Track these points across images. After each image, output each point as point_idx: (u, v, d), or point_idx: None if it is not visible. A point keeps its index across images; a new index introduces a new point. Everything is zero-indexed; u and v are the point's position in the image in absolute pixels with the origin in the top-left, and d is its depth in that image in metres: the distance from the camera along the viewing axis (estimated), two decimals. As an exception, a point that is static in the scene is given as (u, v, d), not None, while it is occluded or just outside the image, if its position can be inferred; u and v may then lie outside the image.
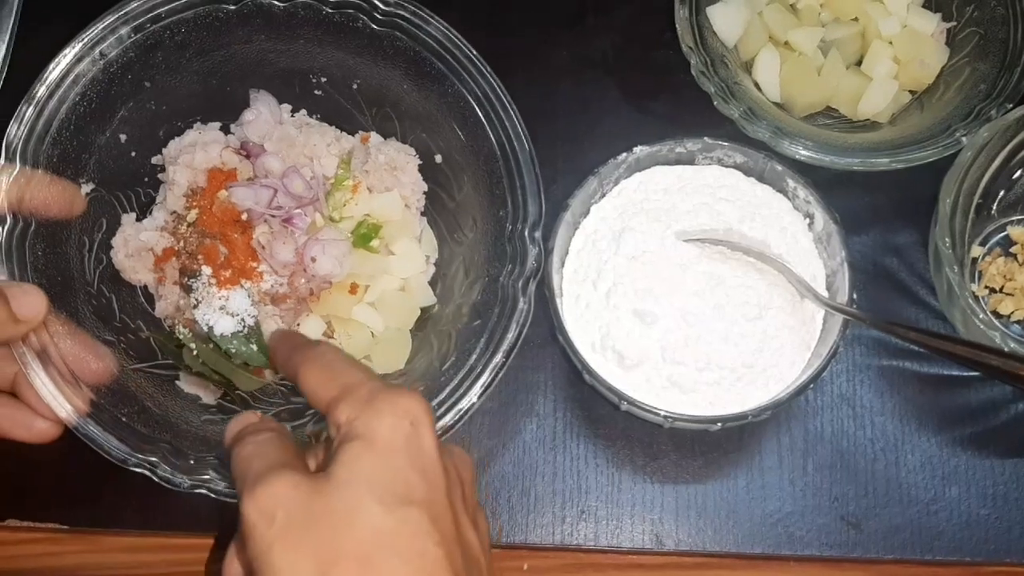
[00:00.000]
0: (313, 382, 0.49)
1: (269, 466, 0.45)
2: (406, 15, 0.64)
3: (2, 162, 0.60)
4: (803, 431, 0.68)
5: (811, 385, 0.62)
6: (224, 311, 0.64)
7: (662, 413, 0.61)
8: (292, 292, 0.66)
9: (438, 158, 0.68)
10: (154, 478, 0.57)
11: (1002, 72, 0.69)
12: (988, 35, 0.71)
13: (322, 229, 0.67)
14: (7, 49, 0.75)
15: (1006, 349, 0.60)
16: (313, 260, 0.65)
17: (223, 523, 0.66)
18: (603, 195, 0.68)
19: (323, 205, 0.68)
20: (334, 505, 0.43)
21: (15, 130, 0.60)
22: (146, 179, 0.69)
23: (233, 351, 0.64)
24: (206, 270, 0.65)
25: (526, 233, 0.62)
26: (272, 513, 0.43)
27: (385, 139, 0.70)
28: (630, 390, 0.63)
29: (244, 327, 0.64)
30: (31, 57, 0.73)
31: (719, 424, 0.62)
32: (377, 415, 0.45)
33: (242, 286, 0.65)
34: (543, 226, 0.62)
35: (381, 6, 0.64)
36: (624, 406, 0.62)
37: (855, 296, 0.63)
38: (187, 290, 0.65)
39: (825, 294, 0.66)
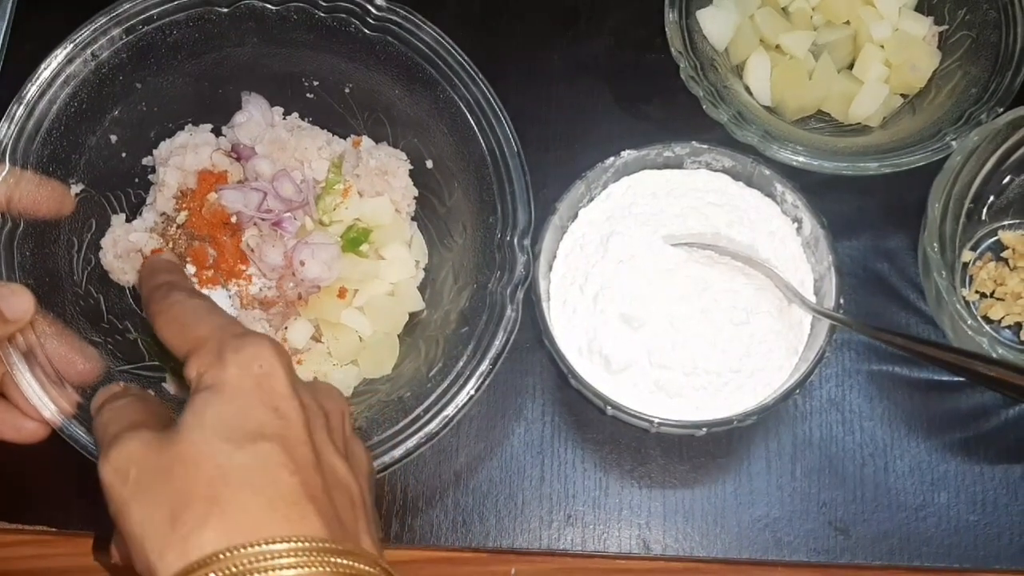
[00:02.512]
0: (166, 335, 0.50)
1: (122, 428, 0.46)
2: (398, 20, 0.64)
3: None
4: (791, 436, 0.68)
5: (798, 390, 0.61)
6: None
7: (648, 418, 0.61)
8: (281, 296, 0.66)
9: (429, 163, 0.68)
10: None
11: (993, 76, 0.69)
12: (980, 39, 0.71)
13: (312, 233, 0.67)
14: (1, 50, 0.75)
15: (993, 355, 0.60)
16: (302, 264, 0.65)
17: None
18: (591, 199, 0.68)
19: (313, 209, 0.68)
20: (182, 452, 0.43)
21: (5, 130, 0.61)
22: (136, 180, 0.69)
23: None
24: (189, 269, 0.65)
25: (515, 241, 0.62)
26: (125, 471, 0.43)
27: (377, 144, 0.70)
28: (616, 395, 0.63)
29: None
30: (22, 57, 0.74)
31: (705, 429, 0.61)
32: (223, 367, 0.45)
33: (224, 287, 0.65)
34: (533, 232, 0.62)
35: (373, 11, 0.64)
36: (610, 411, 0.62)
37: (842, 301, 0.63)
38: (168, 288, 0.65)
39: (813, 299, 0.65)
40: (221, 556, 0.40)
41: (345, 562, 0.42)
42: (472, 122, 0.64)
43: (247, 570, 0.40)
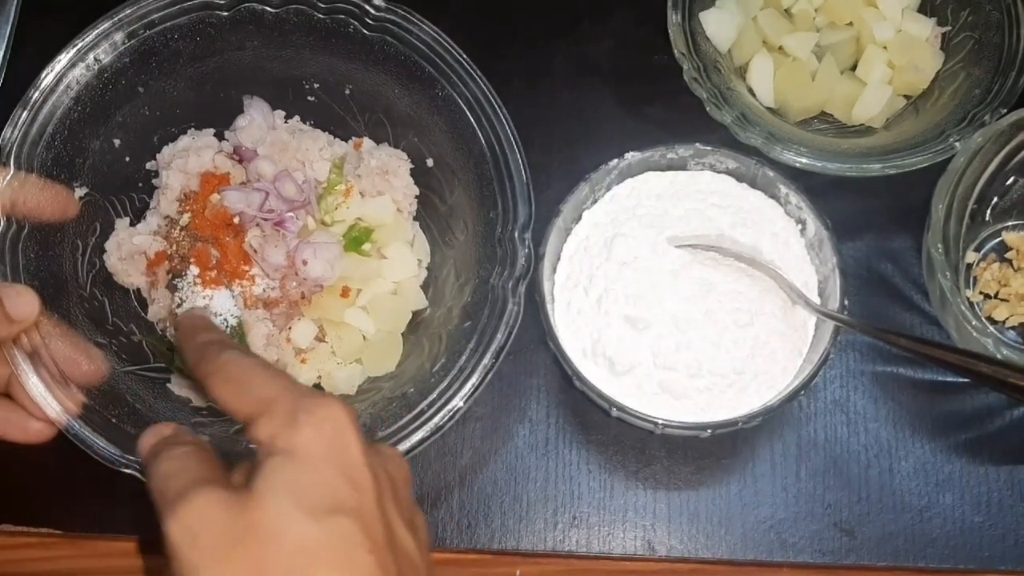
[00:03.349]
0: (224, 396, 0.48)
1: (190, 483, 0.44)
2: (397, 20, 0.64)
3: None
4: (796, 437, 0.68)
5: (802, 392, 0.61)
6: (207, 311, 0.64)
7: (653, 420, 0.61)
8: (284, 296, 0.66)
9: (429, 162, 0.68)
10: (143, 479, 0.57)
11: (996, 77, 0.69)
12: (983, 40, 0.71)
13: (314, 233, 0.67)
14: (4, 55, 0.75)
15: (998, 356, 0.60)
16: (304, 263, 0.65)
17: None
18: (595, 201, 0.68)
19: (315, 209, 0.68)
20: (259, 519, 0.42)
21: (9, 134, 0.61)
22: (140, 184, 0.69)
23: None
24: (193, 270, 0.65)
25: (516, 235, 0.62)
26: (196, 532, 0.42)
27: (377, 144, 0.70)
28: (621, 396, 0.63)
29: (227, 327, 0.65)
30: (26, 62, 0.74)
31: (710, 431, 0.61)
32: (297, 429, 0.44)
33: (227, 288, 0.65)
34: (535, 231, 0.63)
35: (372, 11, 0.64)
36: (615, 413, 0.62)
37: (847, 302, 0.63)
38: (172, 289, 0.66)
39: (817, 300, 0.65)
40: None
41: None
42: (471, 119, 0.64)
43: None
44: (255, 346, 0.65)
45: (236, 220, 0.66)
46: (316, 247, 0.65)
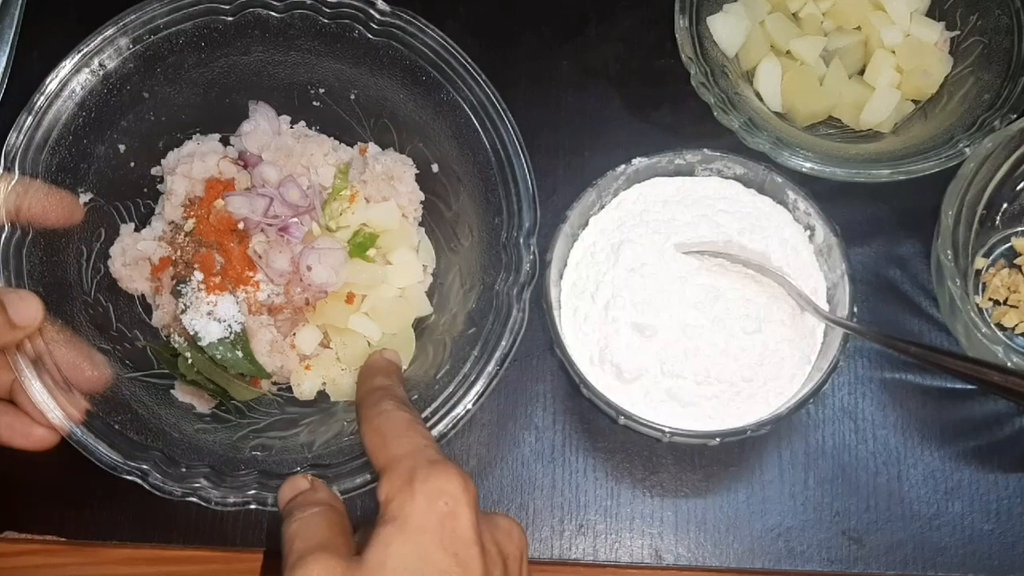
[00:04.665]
0: (368, 445, 0.50)
1: (308, 548, 0.45)
2: (401, 24, 0.64)
3: (1, 171, 0.60)
4: (804, 445, 0.67)
5: (811, 399, 0.61)
6: (211, 317, 0.64)
7: (661, 428, 0.61)
8: (288, 302, 0.66)
9: (435, 167, 0.68)
10: (145, 486, 0.57)
11: (1006, 82, 0.68)
12: (992, 44, 0.70)
13: (318, 238, 0.66)
14: (8, 60, 0.75)
15: (1008, 364, 0.60)
16: (309, 269, 0.65)
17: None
18: (602, 207, 0.67)
19: (319, 214, 0.68)
20: None
21: (14, 139, 0.61)
22: (145, 190, 0.69)
23: (219, 357, 0.64)
24: (197, 275, 0.65)
25: (521, 240, 0.61)
26: None
27: (383, 149, 0.70)
28: (628, 404, 0.62)
29: (231, 333, 0.64)
30: (31, 68, 0.74)
31: (719, 439, 0.61)
32: (411, 496, 0.45)
33: (232, 293, 0.65)
34: (542, 237, 0.62)
35: (377, 16, 0.64)
36: (622, 420, 0.62)
37: (856, 309, 0.63)
38: (176, 295, 0.65)
39: (826, 307, 0.65)
40: None
41: None
42: (476, 124, 0.64)
43: None
44: (259, 352, 0.65)
45: (241, 226, 0.66)
46: (320, 253, 0.65)
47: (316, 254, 0.65)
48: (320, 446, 0.61)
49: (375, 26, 0.64)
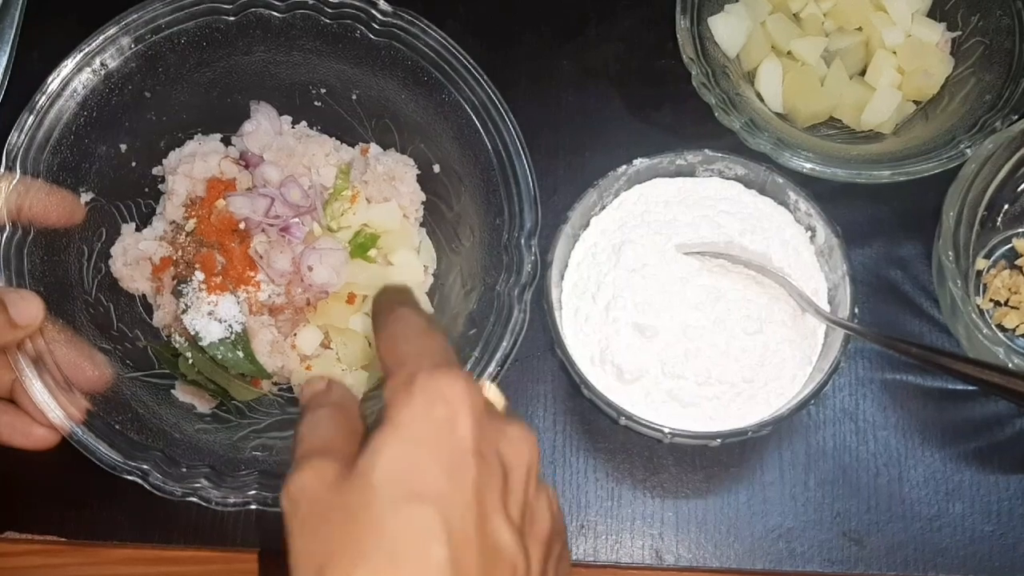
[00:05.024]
0: (380, 350, 0.46)
1: (307, 451, 0.44)
2: (404, 24, 0.64)
3: (2, 170, 0.60)
4: (805, 445, 0.67)
5: (812, 400, 0.61)
6: (212, 317, 0.64)
7: (662, 428, 0.61)
8: (289, 302, 0.66)
9: (436, 168, 0.68)
10: (146, 486, 0.57)
11: (1007, 83, 0.68)
12: (993, 45, 0.70)
13: (319, 239, 0.66)
14: (9, 59, 0.75)
15: (1009, 366, 0.60)
16: (310, 269, 0.65)
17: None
18: (603, 207, 0.67)
19: (320, 215, 0.68)
20: (346, 500, 0.41)
21: (15, 139, 0.61)
22: (146, 190, 0.69)
23: (220, 357, 0.64)
24: (198, 275, 0.65)
25: (522, 241, 0.61)
26: (297, 502, 0.42)
27: (384, 150, 0.70)
28: (629, 404, 0.62)
29: (231, 334, 0.64)
30: (32, 67, 0.74)
31: (720, 440, 0.61)
32: (409, 399, 0.42)
33: (232, 293, 0.65)
34: (543, 237, 0.62)
35: (379, 16, 0.64)
36: (623, 421, 0.62)
37: (857, 310, 0.63)
38: (177, 295, 0.65)
39: (827, 308, 0.65)
40: None
41: None
42: (478, 124, 0.64)
43: None
44: (259, 352, 0.65)
45: (242, 226, 0.66)
46: (322, 253, 0.65)
47: (317, 254, 0.65)
48: (321, 446, 0.61)
49: (377, 26, 0.64)
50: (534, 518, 0.44)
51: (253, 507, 0.57)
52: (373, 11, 0.64)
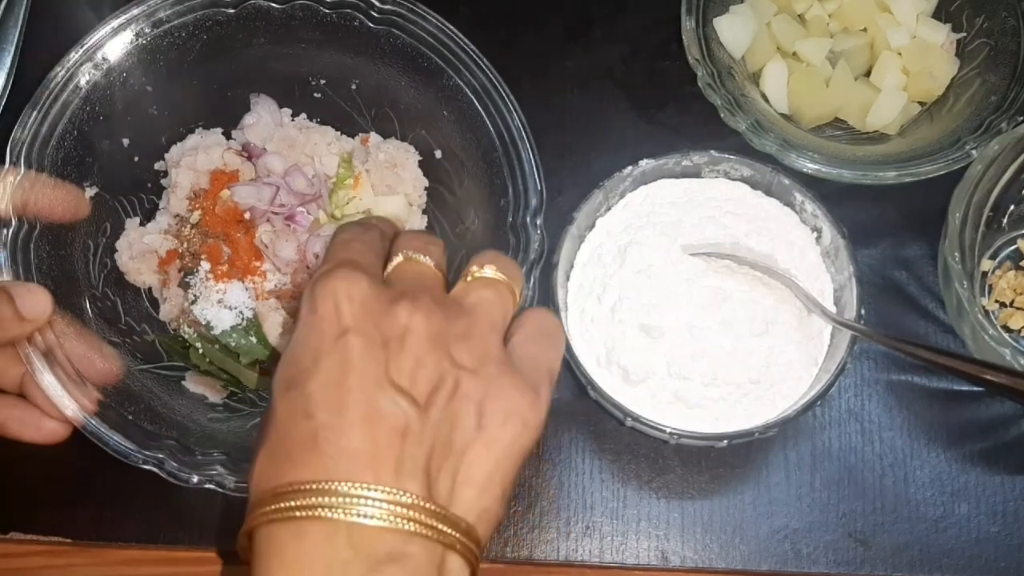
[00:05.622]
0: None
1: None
2: (402, 12, 0.64)
3: (7, 165, 0.60)
4: (810, 446, 0.67)
5: (819, 402, 0.61)
6: (222, 305, 0.64)
7: (668, 429, 0.61)
8: (296, 290, 0.66)
9: (438, 154, 0.68)
10: (161, 474, 0.57)
11: (1013, 84, 0.68)
12: (998, 47, 0.70)
13: (324, 226, 0.66)
14: (14, 56, 0.74)
15: (1016, 367, 0.60)
16: (316, 256, 0.65)
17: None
18: (608, 208, 0.67)
19: (326, 202, 0.68)
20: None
21: (20, 134, 0.61)
22: (149, 185, 0.69)
23: (233, 344, 0.63)
24: (204, 265, 0.65)
25: (528, 220, 0.61)
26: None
27: (385, 139, 0.70)
28: (635, 405, 0.62)
29: (243, 320, 0.64)
30: (36, 61, 0.73)
31: (726, 441, 0.61)
32: (305, 298, 0.46)
33: (241, 281, 0.65)
34: (549, 238, 0.62)
35: (378, 4, 0.64)
36: (629, 422, 0.62)
37: (863, 312, 0.63)
38: (185, 287, 0.65)
39: (833, 309, 0.65)
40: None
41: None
42: (479, 107, 0.64)
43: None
44: (271, 335, 0.65)
45: (247, 216, 0.66)
46: (327, 240, 0.65)
47: (322, 241, 0.65)
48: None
49: (376, 14, 0.65)
50: (423, 375, 0.45)
51: None
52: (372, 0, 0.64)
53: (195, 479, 0.57)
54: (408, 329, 0.44)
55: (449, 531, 0.42)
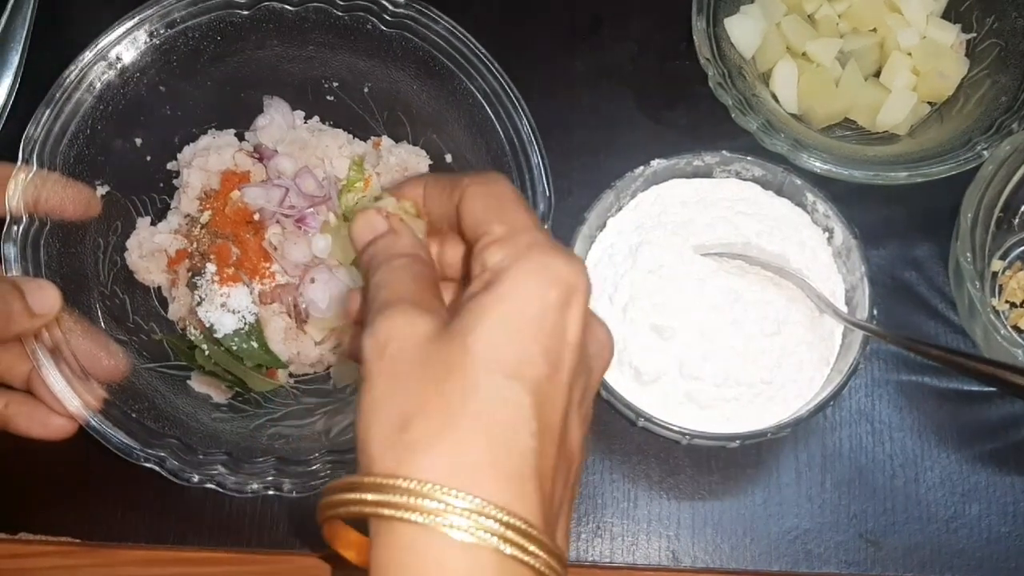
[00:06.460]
0: (479, 211, 0.43)
1: (395, 298, 0.41)
2: (414, 15, 0.64)
3: (19, 163, 0.60)
4: (821, 447, 0.67)
5: (831, 402, 0.61)
6: (225, 308, 0.64)
7: (679, 430, 0.61)
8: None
9: (448, 158, 0.68)
10: (163, 472, 0.57)
11: (1023, 85, 0.68)
12: (1009, 47, 0.70)
13: (338, 268, 0.65)
14: (22, 54, 0.74)
15: (1029, 365, 0.60)
16: (312, 281, 0.64)
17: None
18: (620, 208, 0.67)
19: (335, 205, 0.67)
20: (441, 356, 0.39)
21: (33, 132, 0.61)
22: (161, 184, 0.69)
23: (235, 348, 0.64)
24: (210, 267, 0.65)
25: None
26: (384, 345, 0.40)
27: (396, 143, 0.70)
28: (647, 406, 0.62)
29: (245, 325, 0.64)
30: (49, 60, 0.73)
31: (739, 441, 0.61)
32: (524, 273, 0.40)
33: (244, 283, 0.65)
34: (559, 238, 0.62)
35: (390, 7, 0.64)
36: (641, 422, 0.62)
37: (875, 312, 0.63)
38: (192, 288, 0.65)
39: (844, 309, 0.65)
40: (433, 490, 0.37)
41: (540, 555, 0.38)
42: (489, 111, 0.64)
43: (439, 512, 0.37)
44: (273, 340, 0.65)
45: (256, 217, 0.66)
46: (330, 277, 0.64)
47: (327, 273, 0.65)
48: (337, 433, 0.61)
49: (388, 17, 0.65)
50: (587, 421, 0.43)
51: (271, 492, 0.57)
52: (385, 2, 0.64)
53: (196, 478, 0.57)
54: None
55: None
